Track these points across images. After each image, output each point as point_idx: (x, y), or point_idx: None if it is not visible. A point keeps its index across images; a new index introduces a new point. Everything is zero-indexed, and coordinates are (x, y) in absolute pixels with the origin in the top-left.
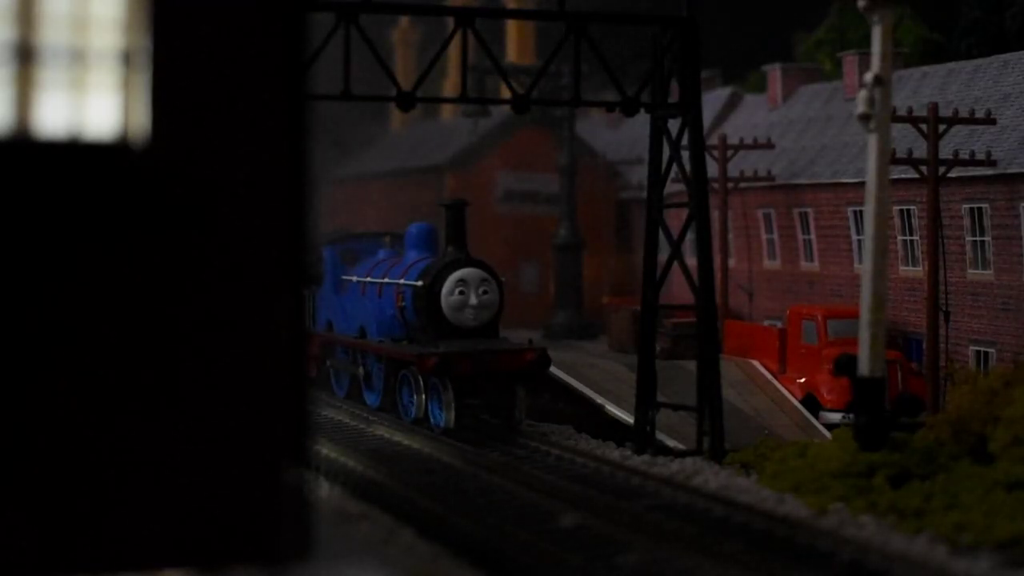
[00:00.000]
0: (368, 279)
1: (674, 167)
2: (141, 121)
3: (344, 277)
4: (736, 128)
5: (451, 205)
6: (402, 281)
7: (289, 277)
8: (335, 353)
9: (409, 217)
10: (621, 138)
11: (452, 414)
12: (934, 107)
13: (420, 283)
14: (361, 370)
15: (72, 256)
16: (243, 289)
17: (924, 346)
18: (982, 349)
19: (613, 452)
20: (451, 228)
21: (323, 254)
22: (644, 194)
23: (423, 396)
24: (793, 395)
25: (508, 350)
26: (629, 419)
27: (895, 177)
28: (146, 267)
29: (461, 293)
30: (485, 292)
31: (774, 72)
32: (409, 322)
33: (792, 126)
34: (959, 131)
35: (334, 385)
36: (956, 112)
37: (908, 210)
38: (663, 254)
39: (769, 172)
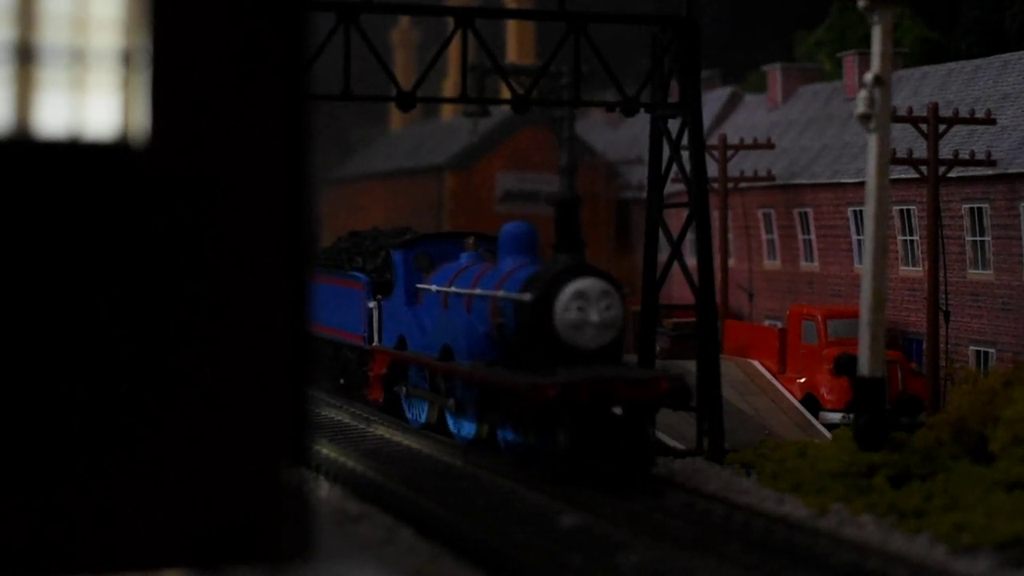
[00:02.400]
0: (452, 289)
1: (674, 167)
2: (141, 121)
3: (420, 286)
4: (736, 128)
5: (563, 202)
6: (500, 293)
7: (290, 277)
8: (408, 375)
9: (409, 217)
10: (621, 138)
11: (565, 451)
12: (934, 107)
13: (526, 296)
14: (451, 401)
15: (72, 256)
16: (244, 289)
17: (924, 346)
18: (982, 349)
19: None
20: (562, 229)
21: (393, 259)
22: (644, 194)
23: (531, 433)
24: (793, 395)
25: (640, 379)
26: None
27: (895, 177)
28: (146, 267)
29: (580, 309)
30: (608, 307)
31: (774, 72)
32: (509, 343)
33: (792, 126)
34: (959, 131)
35: (407, 411)
36: (956, 112)
37: (908, 210)
38: (663, 254)
39: (769, 172)
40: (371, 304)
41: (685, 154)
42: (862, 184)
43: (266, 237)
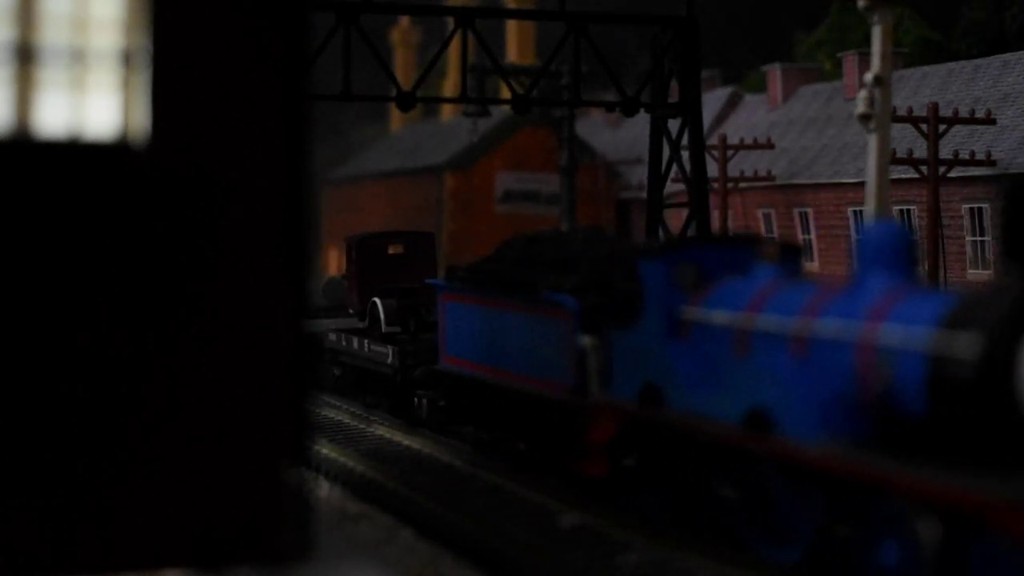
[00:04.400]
0: (762, 321)
1: (674, 167)
2: (141, 121)
3: (689, 315)
4: (736, 128)
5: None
6: (888, 334)
7: (290, 277)
8: (659, 445)
9: (409, 217)
10: (621, 138)
11: None
12: (934, 107)
13: (960, 343)
14: (756, 497)
15: (72, 256)
16: (244, 289)
17: None
18: None
19: None
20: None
21: (641, 272)
22: (644, 194)
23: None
24: None
25: None
26: None
27: (895, 177)
28: (146, 267)
29: None
30: None
31: (774, 72)
32: (895, 414)
33: (792, 126)
34: (959, 131)
35: (648, 501)
36: (956, 112)
37: (908, 210)
38: None
39: (769, 172)
40: (584, 340)
41: (685, 154)
42: (862, 184)
43: (266, 237)
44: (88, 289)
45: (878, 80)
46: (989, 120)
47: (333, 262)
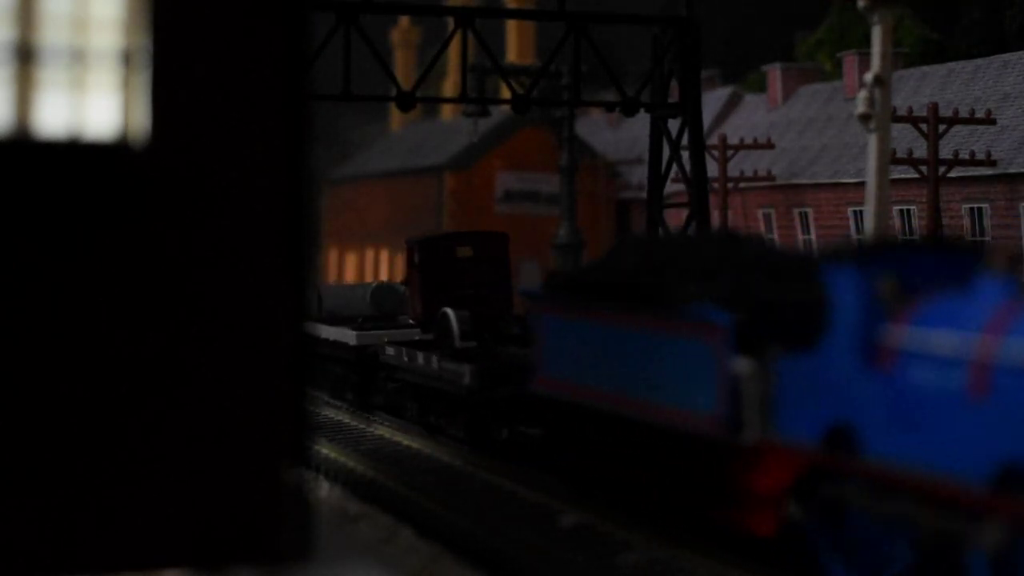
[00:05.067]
0: (1012, 354)
1: (674, 167)
2: (141, 121)
3: (893, 338)
4: (736, 128)
5: None
6: None
7: (290, 277)
8: (860, 500)
9: (409, 217)
10: (621, 138)
11: None
12: (934, 107)
13: None
14: None
15: (72, 256)
16: (244, 289)
17: None
18: None
19: None
20: None
21: (828, 281)
22: (644, 194)
23: None
24: None
25: None
26: None
27: (895, 177)
28: (146, 267)
29: None
30: None
31: (774, 72)
32: None
33: (792, 126)
34: (959, 131)
35: (835, 571)
36: (956, 112)
37: (908, 210)
38: None
39: (769, 172)
40: (740, 364)
41: (685, 154)
42: (862, 184)
43: (266, 237)
44: (88, 289)
45: (878, 80)
46: (989, 120)
47: (332, 263)
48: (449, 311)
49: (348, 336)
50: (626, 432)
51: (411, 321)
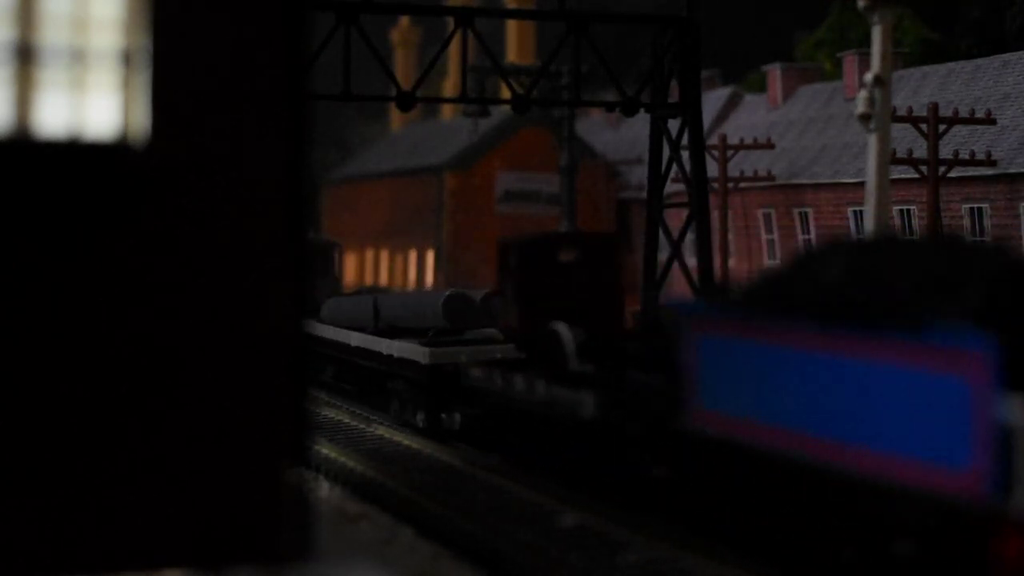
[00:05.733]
0: None
1: (674, 167)
2: (141, 121)
3: None
4: (736, 128)
5: None
6: None
7: (289, 277)
8: None
9: (409, 217)
10: (621, 138)
11: None
12: (934, 107)
13: None
14: None
15: (72, 256)
16: (243, 288)
17: None
18: None
19: None
20: None
21: None
22: (644, 194)
23: None
24: None
25: None
26: None
27: (895, 177)
28: (146, 267)
29: None
30: None
31: (774, 72)
32: None
33: (792, 126)
34: (959, 131)
35: None
36: (956, 112)
37: (908, 210)
38: (663, 254)
39: (769, 172)
40: (1011, 408)
41: (685, 154)
42: (862, 184)
43: (266, 237)
44: (88, 289)
45: (878, 80)
46: (989, 120)
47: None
48: (561, 327)
49: (417, 353)
50: (826, 488)
51: (500, 335)
